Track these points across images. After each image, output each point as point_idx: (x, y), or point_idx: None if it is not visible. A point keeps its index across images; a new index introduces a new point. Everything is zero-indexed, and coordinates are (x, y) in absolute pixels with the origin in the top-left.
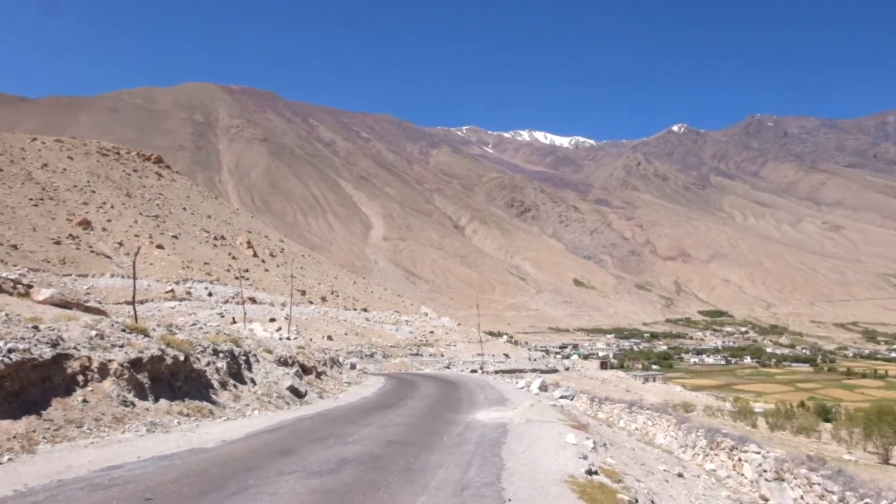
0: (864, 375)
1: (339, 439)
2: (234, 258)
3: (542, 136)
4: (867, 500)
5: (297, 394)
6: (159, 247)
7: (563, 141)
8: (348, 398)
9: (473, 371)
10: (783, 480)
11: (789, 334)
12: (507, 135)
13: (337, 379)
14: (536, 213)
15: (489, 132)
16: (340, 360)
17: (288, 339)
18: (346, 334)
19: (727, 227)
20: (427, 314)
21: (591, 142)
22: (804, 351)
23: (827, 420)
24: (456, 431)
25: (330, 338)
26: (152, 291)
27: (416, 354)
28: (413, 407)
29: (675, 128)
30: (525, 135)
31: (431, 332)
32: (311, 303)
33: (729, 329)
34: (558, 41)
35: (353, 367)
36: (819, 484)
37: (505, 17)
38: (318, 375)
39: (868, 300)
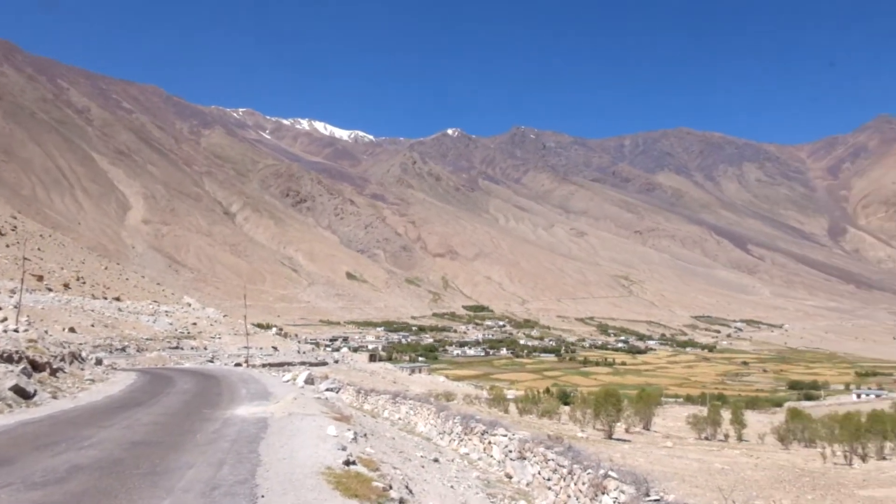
0: (597, 363)
1: (73, 444)
2: None
3: (323, 127)
4: (589, 469)
5: (23, 394)
6: None
7: (343, 133)
8: (90, 397)
9: (238, 365)
10: (525, 459)
11: (539, 328)
12: (286, 122)
13: (77, 376)
14: (312, 204)
15: (267, 117)
16: (84, 354)
17: (16, 331)
18: (93, 326)
19: (491, 229)
20: (190, 305)
21: (371, 137)
22: (551, 343)
23: (566, 403)
24: (212, 429)
25: (73, 330)
26: None
27: (177, 348)
28: (166, 404)
29: (450, 131)
30: (305, 124)
31: (194, 323)
32: (51, 290)
33: (489, 323)
34: (345, 33)
35: (98, 362)
36: (553, 460)
37: (291, 4)
38: (54, 373)
39: (603, 298)
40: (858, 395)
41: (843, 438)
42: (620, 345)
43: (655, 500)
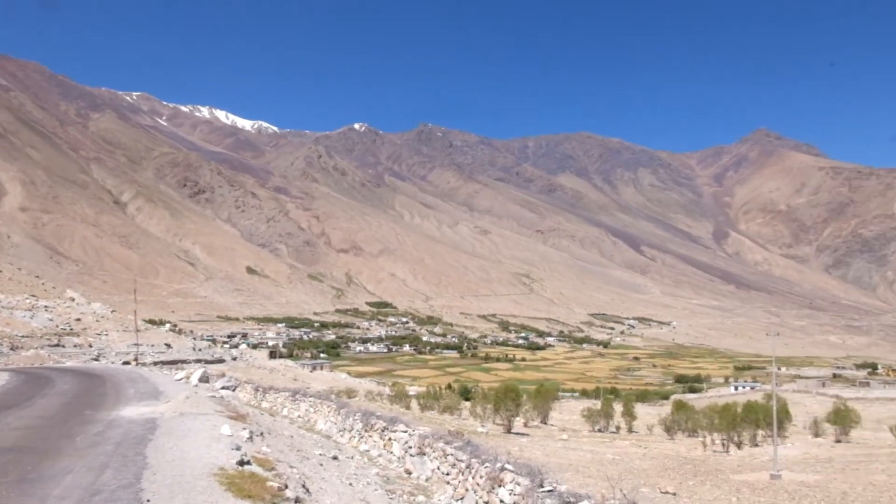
0: (498, 360)
1: None
2: None
3: (224, 116)
4: (487, 463)
5: None
6: None
7: (245, 123)
8: None
9: (126, 363)
10: (425, 454)
11: (442, 324)
12: (184, 108)
13: None
14: (211, 195)
15: (164, 103)
16: None
17: None
18: None
19: (396, 225)
20: (74, 299)
21: (275, 128)
22: (453, 339)
23: (468, 399)
24: (94, 431)
25: None
26: None
27: (58, 346)
28: (43, 406)
29: (356, 126)
30: (205, 111)
31: (78, 319)
32: None
33: (392, 319)
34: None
35: None
36: (452, 454)
37: None
38: None
39: (505, 295)
40: (736, 388)
41: (721, 428)
42: (521, 341)
43: (549, 491)
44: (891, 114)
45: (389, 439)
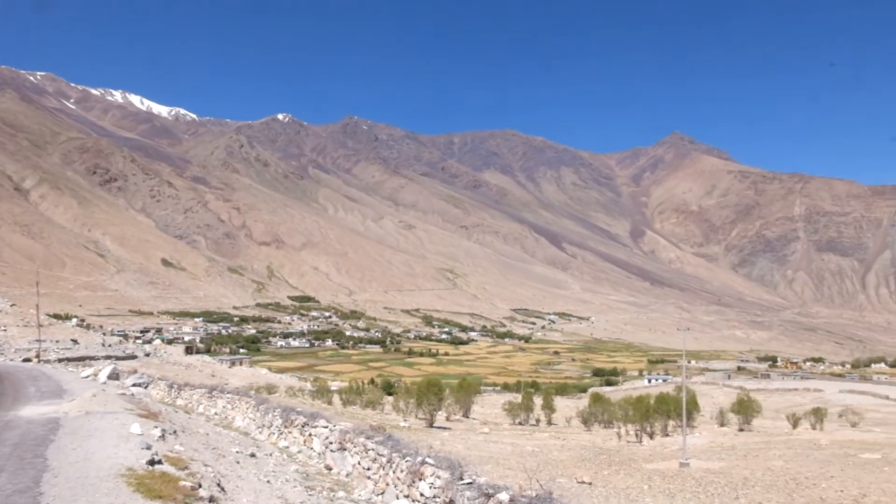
0: (421, 354)
1: None
2: None
3: (139, 101)
4: (408, 457)
5: None
6: None
7: (162, 110)
8: None
9: (27, 360)
10: (345, 450)
11: (366, 319)
12: (95, 91)
13: None
14: (124, 184)
15: (73, 85)
16: None
17: None
18: None
19: (320, 218)
20: None
21: (194, 116)
22: (377, 334)
23: (391, 394)
24: None
25: None
26: None
27: None
28: None
29: (280, 116)
30: (118, 95)
31: None
32: None
33: (315, 314)
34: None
35: None
36: (373, 449)
37: None
38: None
39: (429, 290)
40: (649, 381)
41: (635, 419)
42: (444, 336)
43: (468, 484)
44: (795, 120)
45: (310, 435)
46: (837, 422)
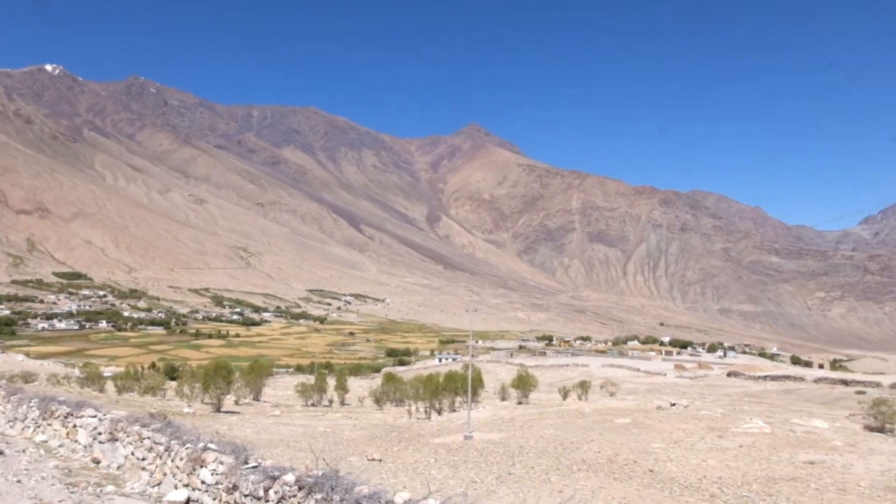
0: (210, 336)
1: None
2: None
3: None
4: (188, 444)
5: None
6: None
7: None
8: None
9: None
10: (117, 440)
11: (147, 299)
12: None
13: None
14: None
15: None
16: None
17: None
18: None
19: (96, 187)
20: None
21: None
22: (160, 315)
23: (174, 378)
24: None
25: None
26: None
27: None
28: None
29: (49, 67)
30: None
31: None
32: None
33: (86, 292)
34: None
35: None
36: (149, 438)
37: None
38: None
39: (220, 269)
40: (440, 360)
41: (425, 397)
42: (235, 317)
43: (253, 468)
44: (584, 120)
45: (74, 426)
46: (599, 392)
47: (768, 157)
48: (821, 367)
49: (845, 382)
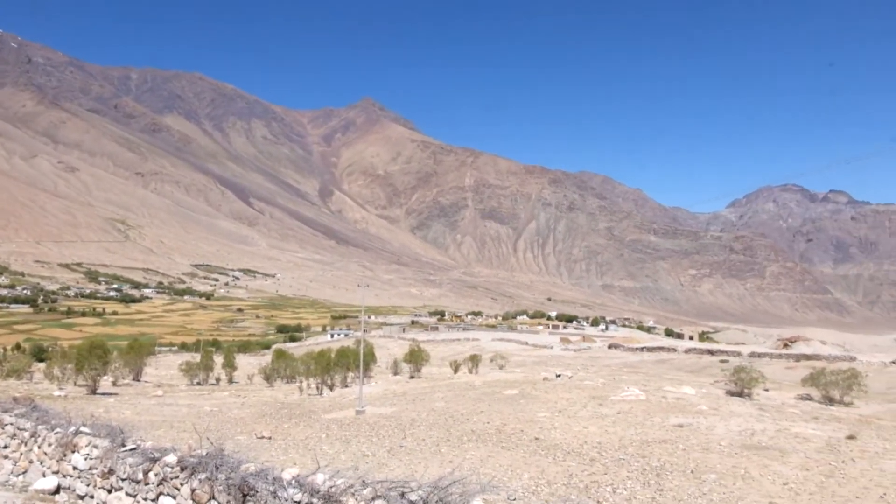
0: (83, 314)
1: None
2: None
3: None
4: (58, 429)
5: None
6: None
7: None
8: None
9: None
10: None
11: (10, 274)
12: None
13: None
14: None
15: None
16: None
17: None
18: None
19: None
20: None
21: None
22: (25, 291)
23: (42, 360)
24: None
25: None
26: None
27: None
28: None
29: None
30: None
31: None
32: None
33: None
34: None
35: None
36: (12, 423)
37: None
38: None
39: (95, 242)
40: (332, 336)
41: (317, 373)
42: (113, 293)
43: (131, 450)
44: (477, 98)
45: None
46: (489, 366)
47: (649, 141)
48: (691, 338)
49: (711, 352)
